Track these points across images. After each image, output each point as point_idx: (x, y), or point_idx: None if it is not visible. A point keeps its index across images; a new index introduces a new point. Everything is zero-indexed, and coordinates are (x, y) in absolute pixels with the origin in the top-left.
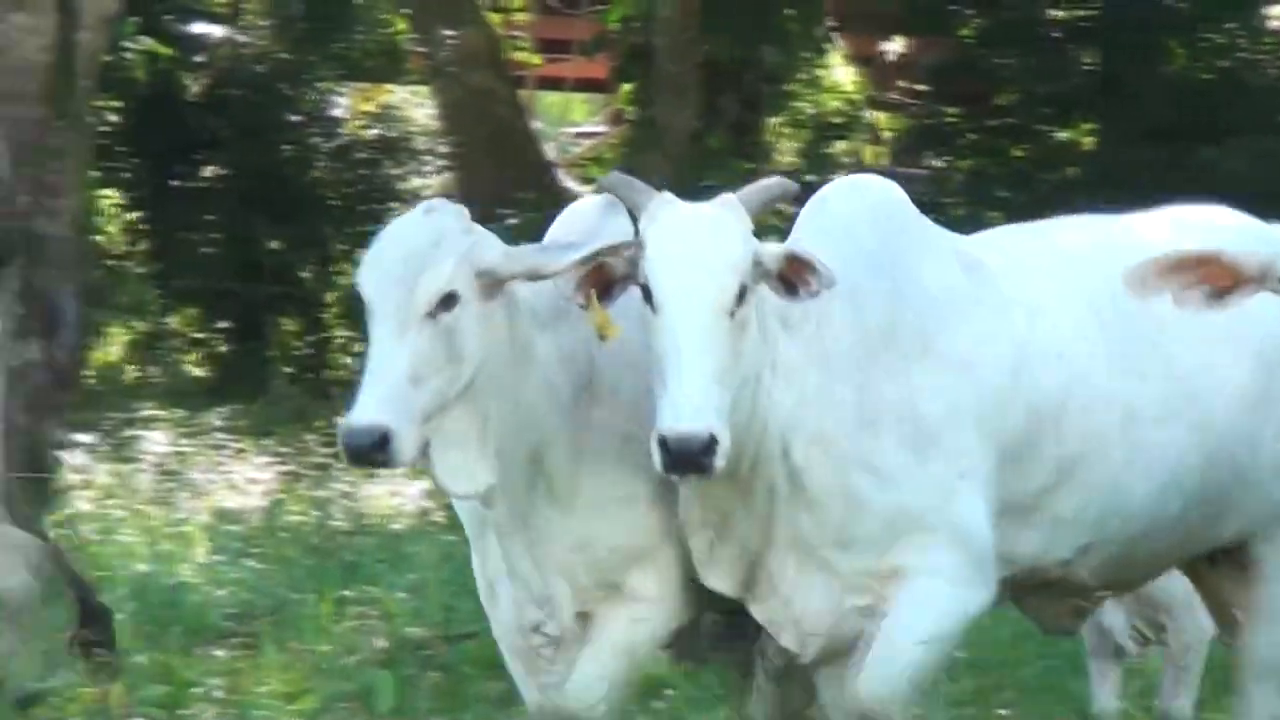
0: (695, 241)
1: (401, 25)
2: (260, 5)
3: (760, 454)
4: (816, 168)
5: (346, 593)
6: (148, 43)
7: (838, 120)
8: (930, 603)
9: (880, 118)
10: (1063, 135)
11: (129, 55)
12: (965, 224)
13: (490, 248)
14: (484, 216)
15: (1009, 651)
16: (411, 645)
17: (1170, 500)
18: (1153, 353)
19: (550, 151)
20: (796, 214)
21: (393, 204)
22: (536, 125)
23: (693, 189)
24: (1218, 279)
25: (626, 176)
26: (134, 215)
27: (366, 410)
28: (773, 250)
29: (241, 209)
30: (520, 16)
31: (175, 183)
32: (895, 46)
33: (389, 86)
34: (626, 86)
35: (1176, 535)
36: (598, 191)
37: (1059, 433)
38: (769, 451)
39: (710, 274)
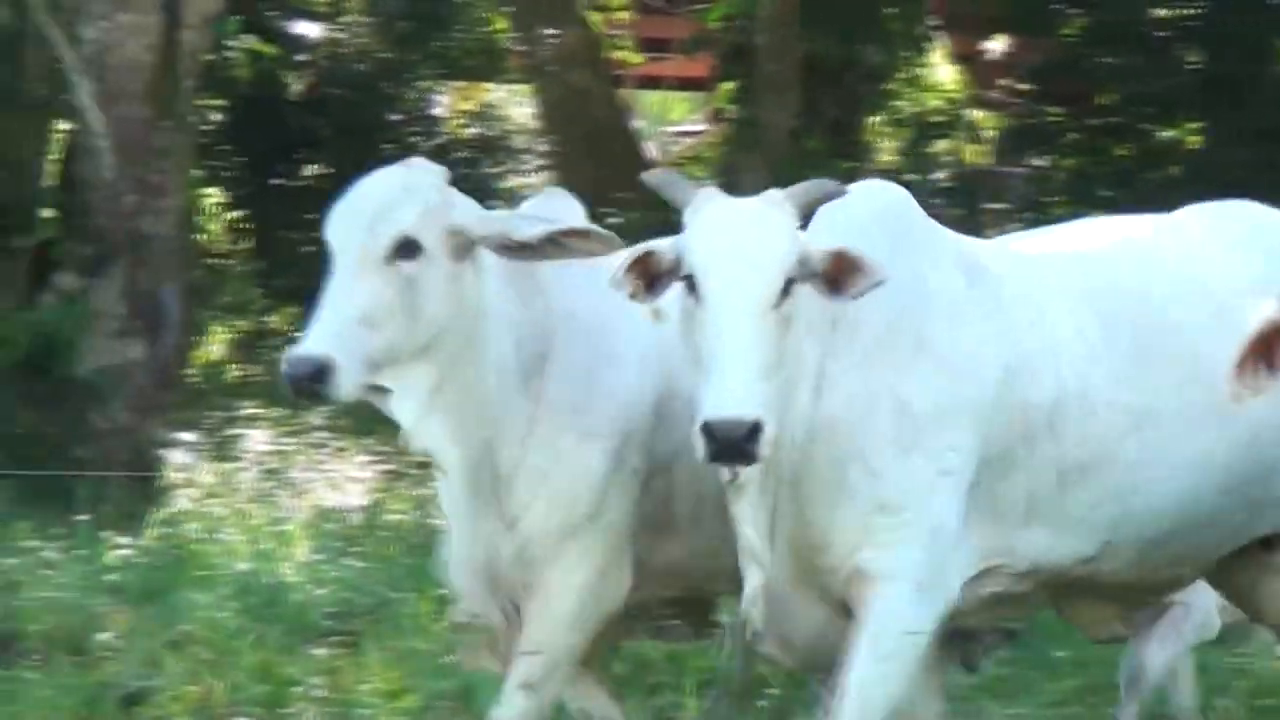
0: (741, 235)
1: (501, 24)
2: (361, 4)
3: (784, 453)
4: (916, 167)
5: (446, 591)
6: (250, 42)
7: (938, 119)
8: (899, 616)
9: (981, 117)
10: (1166, 134)
11: (231, 54)
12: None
13: (464, 209)
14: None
15: (1112, 649)
16: None
17: (1199, 498)
18: (1170, 354)
19: (650, 150)
20: None
21: (492, 203)
22: (636, 124)
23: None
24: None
25: (671, 173)
26: (236, 214)
27: (310, 341)
28: (820, 247)
29: None
30: (621, 15)
31: (277, 181)
32: (997, 46)
33: (488, 85)
34: (726, 85)
35: (1214, 532)
36: (644, 187)
37: (1055, 435)
38: (784, 443)
39: (755, 268)
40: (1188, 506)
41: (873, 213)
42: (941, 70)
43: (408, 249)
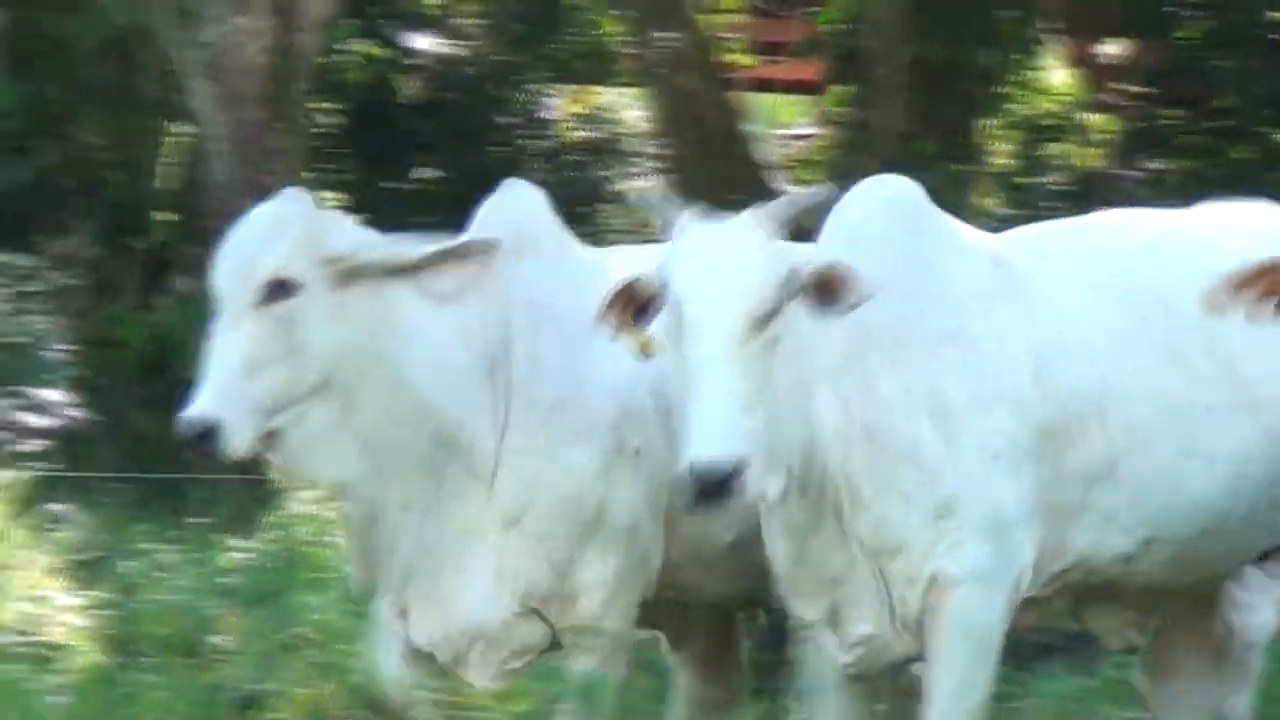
0: (718, 266)
1: (613, 27)
2: (473, 8)
3: (817, 466)
4: (1029, 170)
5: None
6: (363, 46)
7: (1051, 123)
8: (974, 624)
9: (1095, 120)
10: None
11: (345, 58)
12: None
13: (340, 235)
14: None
15: None
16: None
17: (1239, 493)
18: (1204, 345)
19: (762, 154)
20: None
21: (602, 205)
22: (748, 127)
23: None
24: None
25: (659, 193)
26: (350, 218)
27: (197, 402)
28: (808, 263)
29: (453, 211)
30: (732, 18)
31: (388, 184)
32: (1112, 49)
33: (600, 89)
34: (837, 89)
35: (1249, 531)
36: (633, 206)
37: (1102, 421)
38: (824, 462)
39: (733, 298)
40: (1227, 501)
41: (885, 205)
42: (1055, 73)
43: (279, 289)
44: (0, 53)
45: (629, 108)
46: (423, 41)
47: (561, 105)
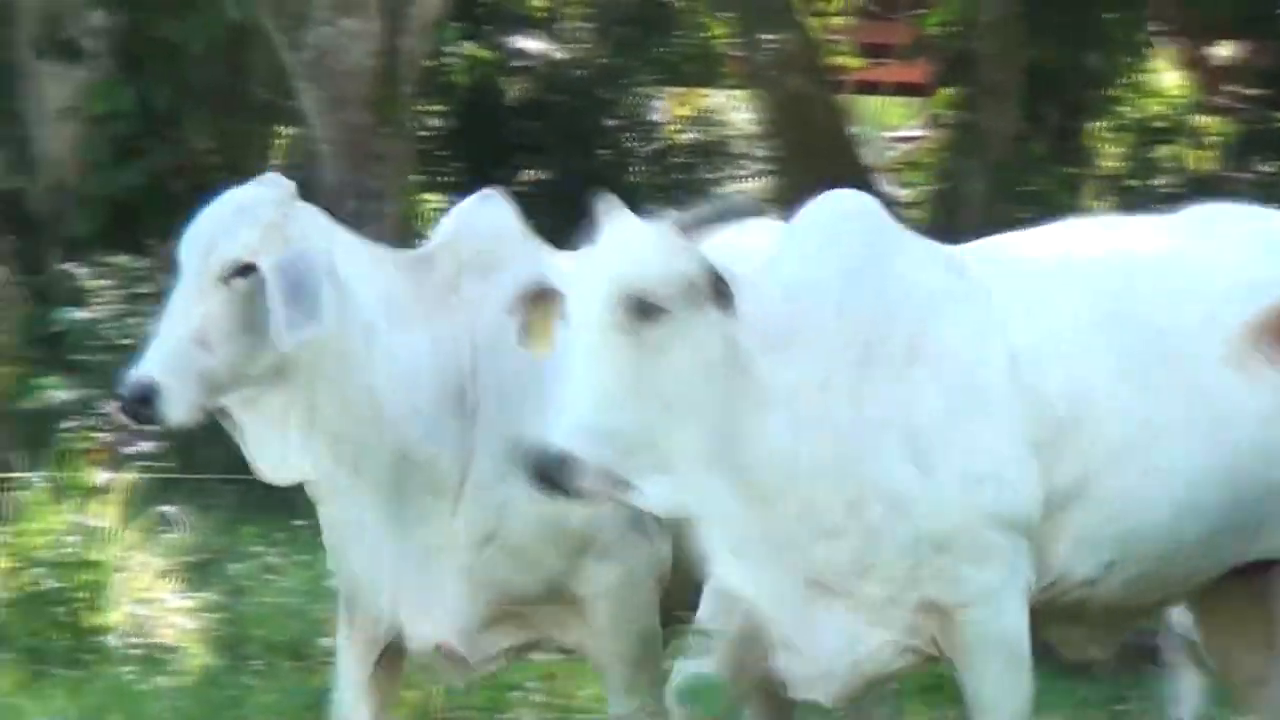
0: (595, 260)
1: (720, 30)
2: (580, 11)
3: (767, 491)
4: (1139, 173)
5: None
6: (469, 48)
7: (1162, 125)
8: (993, 639)
9: (1207, 122)
10: None
11: (451, 60)
12: None
13: (312, 228)
14: None
15: None
16: None
17: (1196, 516)
18: (1167, 363)
19: (869, 156)
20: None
21: None
22: (855, 130)
23: (1013, 194)
24: None
25: (613, 199)
26: None
27: (141, 364)
28: (701, 271)
29: (560, 213)
30: (839, 21)
31: (495, 187)
32: (1223, 50)
33: (707, 91)
34: (945, 91)
35: (1208, 554)
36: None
37: (1079, 440)
38: (776, 487)
39: (598, 292)
40: (1187, 524)
41: (842, 217)
42: (1165, 76)
43: (243, 270)
44: (112, 56)
45: (736, 110)
46: (529, 44)
47: (668, 108)
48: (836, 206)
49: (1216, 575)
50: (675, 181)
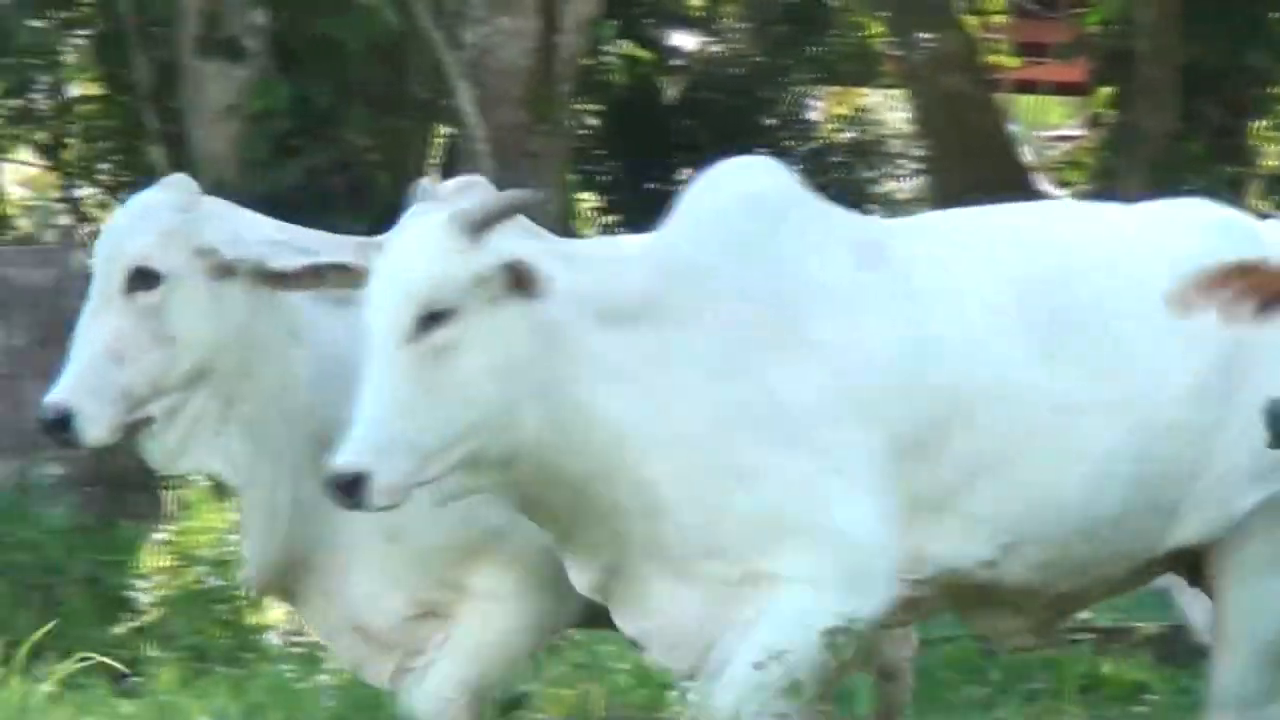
0: (381, 268)
1: (877, 29)
2: (736, 9)
3: (590, 470)
4: None
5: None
6: (626, 47)
7: None
8: (788, 614)
9: None
10: None
11: (607, 59)
12: None
13: (218, 227)
14: None
15: None
16: None
17: (1104, 496)
18: (1089, 341)
19: (1027, 155)
20: None
21: (868, 207)
22: (1013, 129)
23: (1171, 193)
24: (1266, 287)
25: (430, 186)
26: (610, 219)
27: (55, 388)
28: (493, 265)
29: None
30: (997, 19)
31: (651, 186)
32: None
33: (864, 90)
34: (1104, 90)
35: (1121, 537)
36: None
37: (972, 424)
38: (604, 466)
39: (383, 303)
40: (1092, 507)
41: (741, 196)
42: None
43: (144, 278)
44: (270, 55)
45: (892, 109)
46: (686, 41)
47: (825, 107)
48: (735, 179)
49: (1146, 564)
50: (832, 180)
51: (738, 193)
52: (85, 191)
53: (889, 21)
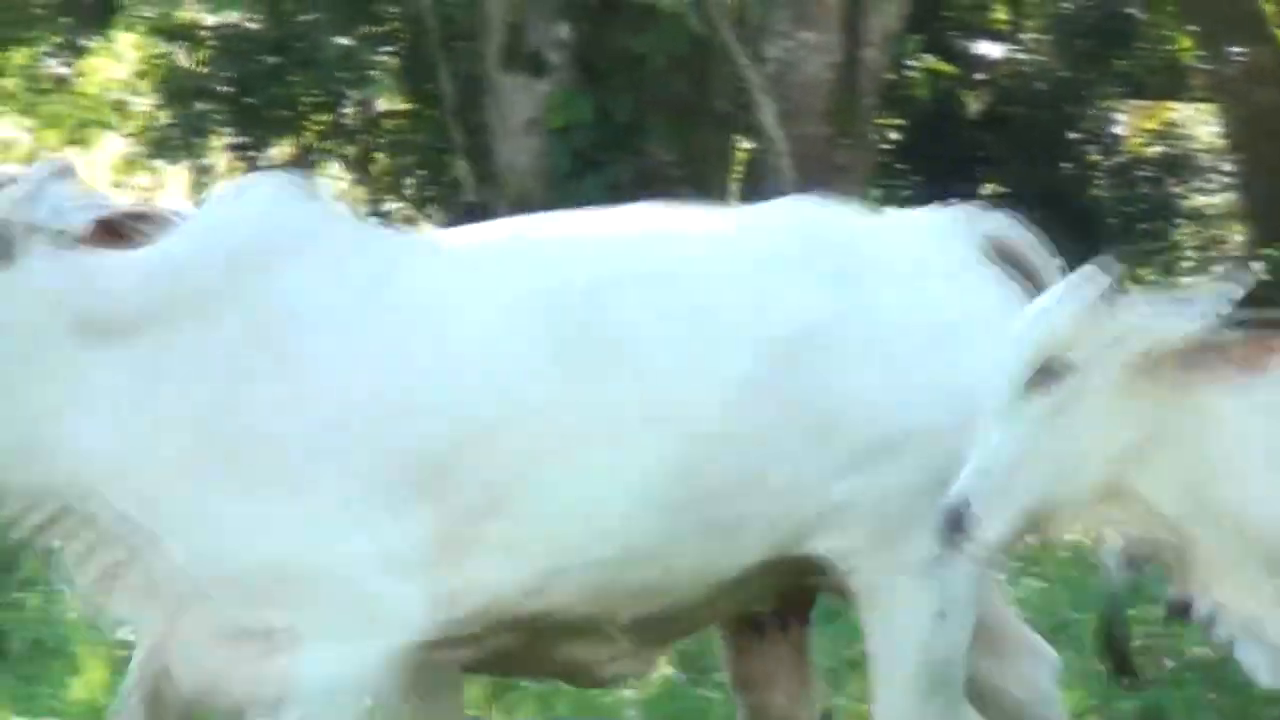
0: None
1: (1186, 42)
2: (1041, 23)
3: (69, 507)
4: None
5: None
6: (929, 61)
7: None
8: (315, 679)
9: None
10: None
11: (910, 73)
12: None
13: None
14: (1271, 239)
15: None
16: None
17: (646, 518)
18: (617, 357)
19: None
20: None
21: (1176, 221)
22: None
23: None
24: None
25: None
26: None
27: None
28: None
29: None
30: None
31: (954, 200)
32: None
33: (1171, 104)
34: None
35: (682, 559)
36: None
37: (494, 447)
38: (85, 508)
39: None
40: (636, 526)
41: (234, 211)
42: None
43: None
44: (574, 68)
45: (1202, 124)
46: (990, 54)
47: (1131, 121)
48: (251, 193)
49: (730, 585)
50: (1139, 196)
51: (249, 207)
52: (392, 205)
53: (1199, 34)
